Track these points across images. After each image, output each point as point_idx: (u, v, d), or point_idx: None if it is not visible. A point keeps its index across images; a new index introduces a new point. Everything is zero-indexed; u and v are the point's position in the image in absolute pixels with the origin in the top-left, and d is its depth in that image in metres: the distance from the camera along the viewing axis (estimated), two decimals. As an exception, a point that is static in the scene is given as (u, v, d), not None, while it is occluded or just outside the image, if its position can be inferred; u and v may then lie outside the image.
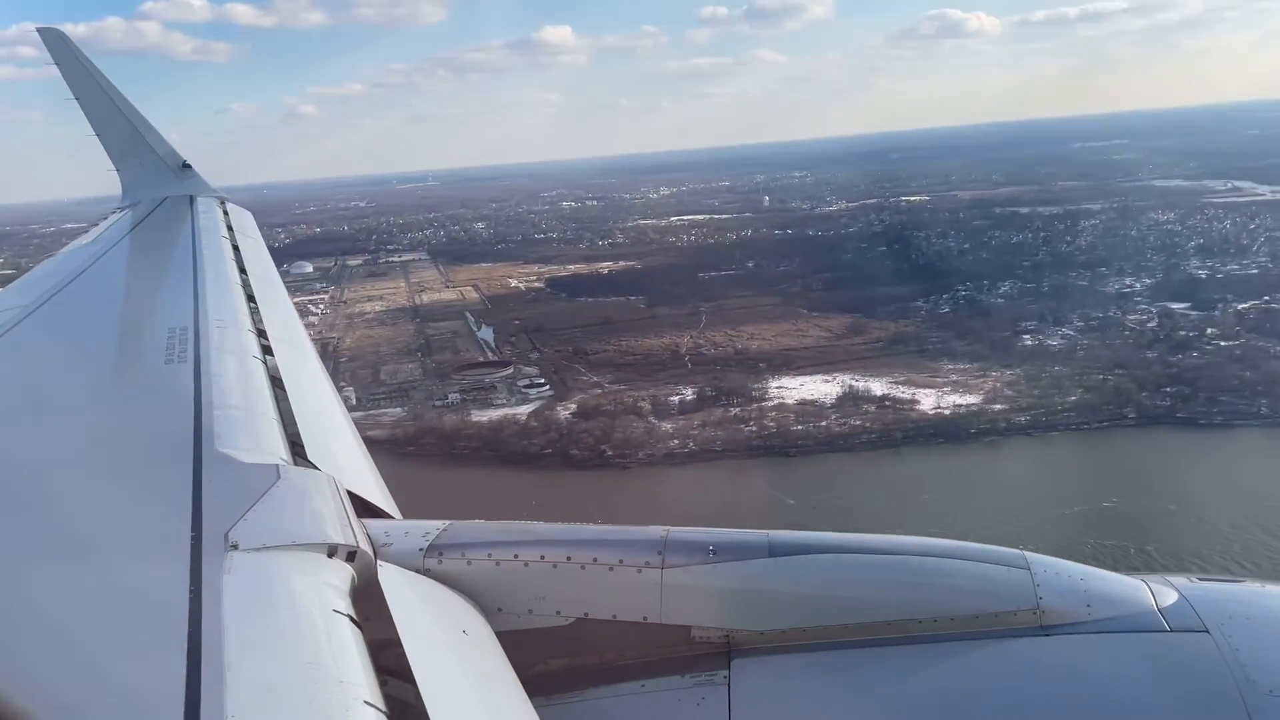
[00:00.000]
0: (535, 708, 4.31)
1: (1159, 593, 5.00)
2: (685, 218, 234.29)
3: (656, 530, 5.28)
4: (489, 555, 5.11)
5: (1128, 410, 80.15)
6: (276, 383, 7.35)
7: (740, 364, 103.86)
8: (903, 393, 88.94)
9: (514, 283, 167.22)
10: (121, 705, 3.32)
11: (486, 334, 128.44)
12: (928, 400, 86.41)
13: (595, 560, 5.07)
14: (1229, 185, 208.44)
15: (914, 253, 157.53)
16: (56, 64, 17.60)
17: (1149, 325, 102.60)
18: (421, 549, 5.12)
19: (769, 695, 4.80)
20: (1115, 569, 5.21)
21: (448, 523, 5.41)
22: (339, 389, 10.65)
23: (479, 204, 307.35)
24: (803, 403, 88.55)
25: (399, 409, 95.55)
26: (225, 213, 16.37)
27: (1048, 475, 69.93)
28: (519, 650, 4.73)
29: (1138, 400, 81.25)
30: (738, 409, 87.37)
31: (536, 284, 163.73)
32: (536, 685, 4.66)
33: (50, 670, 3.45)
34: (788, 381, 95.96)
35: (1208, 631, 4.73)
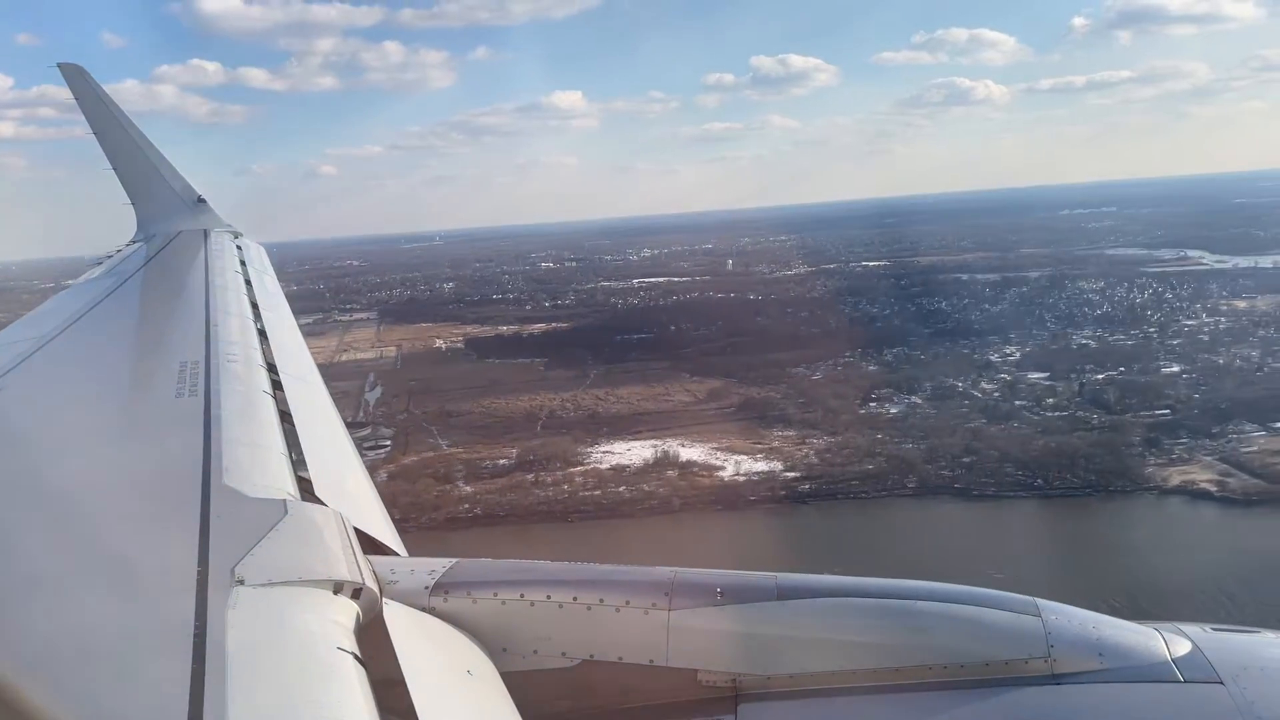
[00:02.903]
0: None
1: (1172, 642, 4.89)
2: (647, 280, 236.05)
3: (664, 571, 5.24)
4: (495, 594, 5.08)
5: (910, 480, 79.89)
6: (286, 418, 7.33)
7: (587, 426, 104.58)
8: (715, 459, 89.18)
9: (438, 343, 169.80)
10: None
11: (374, 394, 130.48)
12: (732, 467, 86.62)
13: (602, 601, 5.01)
14: (1180, 254, 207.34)
15: (831, 318, 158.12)
16: (76, 99, 17.77)
17: (994, 394, 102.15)
18: (427, 587, 5.10)
19: None
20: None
21: (454, 560, 5.39)
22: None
23: (465, 264, 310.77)
24: (614, 468, 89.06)
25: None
26: (239, 247, 16.46)
27: (789, 543, 69.59)
28: (523, 691, 4.68)
29: (925, 470, 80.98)
30: (546, 474, 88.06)
31: (457, 344, 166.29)
32: None
33: (52, 703, 3.40)
34: (618, 445, 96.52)
35: (1222, 683, 4.61)
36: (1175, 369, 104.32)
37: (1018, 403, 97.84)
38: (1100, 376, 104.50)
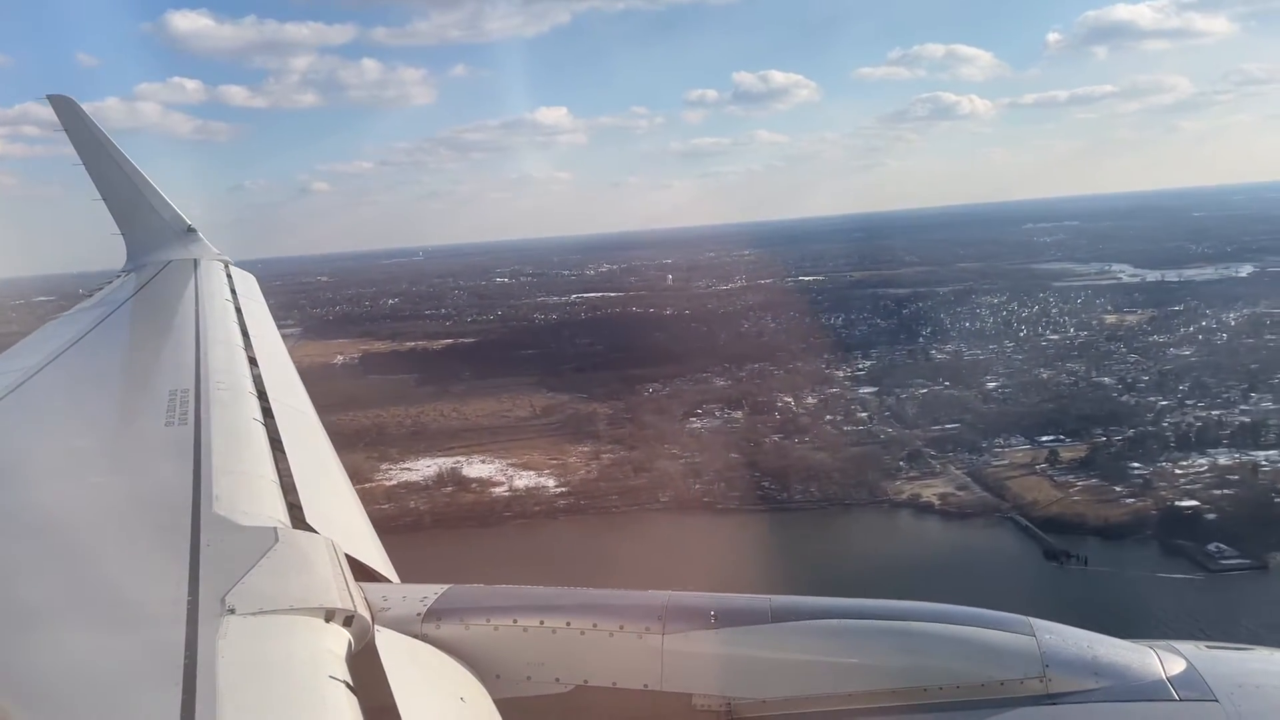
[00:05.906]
0: None
1: (1167, 660, 4.87)
2: (583, 295, 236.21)
3: (658, 595, 5.22)
4: (488, 620, 5.05)
5: (665, 494, 79.64)
6: (276, 445, 7.29)
7: (407, 442, 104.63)
8: (500, 475, 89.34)
9: (337, 359, 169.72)
10: None
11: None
12: (511, 483, 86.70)
13: (595, 626, 4.99)
14: (1102, 268, 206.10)
15: (722, 332, 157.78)
16: (65, 130, 17.73)
17: (811, 408, 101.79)
18: (419, 614, 5.07)
19: None
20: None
21: (447, 587, 5.36)
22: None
23: (425, 279, 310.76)
24: (398, 484, 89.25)
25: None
26: (229, 276, 16.47)
27: (514, 557, 69.32)
28: (517, 718, 4.71)
29: (683, 485, 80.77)
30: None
31: (353, 360, 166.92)
32: None
33: None
34: (421, 461, 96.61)
35: (1217, 700, 4.60)
36: (995, 384, 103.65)
37: (826, 417, 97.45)
38: (923, 391, 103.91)
